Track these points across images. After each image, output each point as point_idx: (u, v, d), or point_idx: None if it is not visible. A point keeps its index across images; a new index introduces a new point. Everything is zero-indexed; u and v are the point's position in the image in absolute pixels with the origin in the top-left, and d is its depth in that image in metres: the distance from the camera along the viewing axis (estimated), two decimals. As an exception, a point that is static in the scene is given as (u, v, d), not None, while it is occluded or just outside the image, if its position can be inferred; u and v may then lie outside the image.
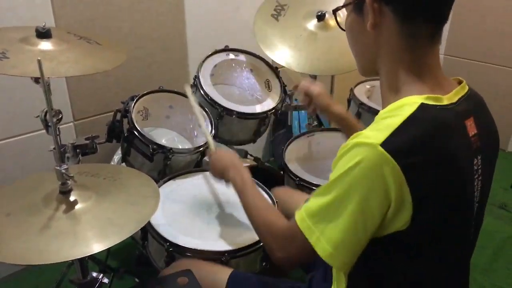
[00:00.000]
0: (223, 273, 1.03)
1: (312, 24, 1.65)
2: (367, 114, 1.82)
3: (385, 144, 0.67)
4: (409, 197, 0.68)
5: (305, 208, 0.77)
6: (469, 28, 2.75)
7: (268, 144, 2.53)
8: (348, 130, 1.25)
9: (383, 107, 0.79)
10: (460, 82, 0.81)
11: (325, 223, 0.73)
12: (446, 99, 0.74)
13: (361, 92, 1.91)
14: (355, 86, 1.95)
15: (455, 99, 0.76)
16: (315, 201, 0.75)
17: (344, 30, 0.84)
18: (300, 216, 0.77)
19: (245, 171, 1.05)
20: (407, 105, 0.71)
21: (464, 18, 2.73)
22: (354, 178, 0.69)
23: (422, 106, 0.71)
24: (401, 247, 0.75)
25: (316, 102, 1.28)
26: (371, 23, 0.75)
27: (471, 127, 0.76)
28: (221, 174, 1.10)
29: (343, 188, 0.70)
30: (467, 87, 0.81)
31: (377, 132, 0.69)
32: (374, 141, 0.67)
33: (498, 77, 2.73)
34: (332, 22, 1.65)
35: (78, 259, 0.98)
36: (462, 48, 2.81)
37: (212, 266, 1.06)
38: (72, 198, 0.90)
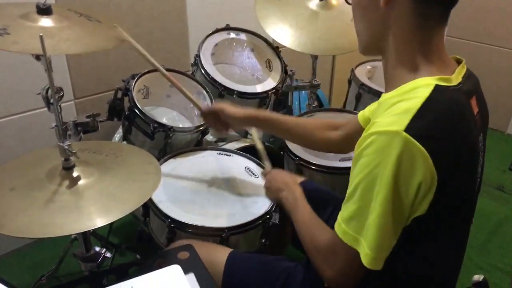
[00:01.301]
0: (222, 252, 1.04)
1: (314, 3, 1.64)
2: (367, 95, 1.82)
3: (409, 130, 0.65)
4: (435, 180, 0.67)
5: (340, 215, 0.76)
6: (471, 9, 2.72)
7: (268, 124, 2.53)
8: (272, 126, 1.21)
9: (388, 88, 0.79)
10: (458, 61, 0.81)
11: (360, 224, 0.72)
12: (454, 80, 0.75)
13: (362, 73, 1.91)
14: (356, 66, 1.95)
15: (460, 79, 0.76)
16: (347, 206, 0.75)
17: (350, 4, 0.83)
18: (337, 224, 0.77)
19: (297, 189, 1.04)
20: (421, 87, 0.71)
21: (467, -1, 2.71)
22: (381, 169, 0.67)
23: (437, 88, 0.71)
24: (416, 232, 0.74)
25: (224, 115, 1.20)
26: None
27: (475, 106, 0.77)
28: (275, 195, 1.10)
29: (370, 183, 0.69)
30: (465, 66, 0.81)
31: (395, 117, 0.68)
32: (396, 127, 0.66)
33: (499, 59, 2.72)
34: (334, 0, 1.64)
35: (82, 233, 0.99)
36: (464, 29, 2.79)
37: (211, 246, 1.07)
38: (75, 174, 0.91)
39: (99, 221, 0.82)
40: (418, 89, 0.71)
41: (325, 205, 1.20)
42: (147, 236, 1.29)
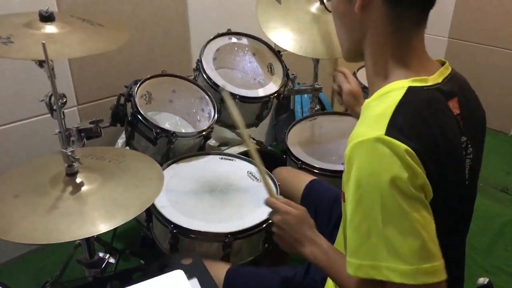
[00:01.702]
0: (221, 269, 1.04)
1: (315, 6, 1.65)
2: (369, 98, 1.82)
3: (389, 132, 0.64)
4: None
5: (347, 253, 0.70)
6: (473, 11, 2.72)
7: (271, 128, 2.54)
8: None
9: (370, 92, 0.79)
10: (443, 64, 0.81)
11: (366, 247, 0.66)
12: (431, 80, 0.75)
13: (364, 76, 1.90)
14: (358, 69, 1.96)
15: (439, 80, 0.76)
16: (349, 239, 0.70)
17: (330, 12, 0.84)
18: (348, 263, 0.70)
19: (321, 239, 0.89)
20: (394, 90, 0.72)
21: (468, 1, 2.70)
22: (375, 178, 0.64)
23: (410, 89, 0.71)
24: None
25: (344, 97, 1.31)
26: (359, 4, 0.74)
27: (454, 107, 0.76)
28: (295, 249, 0.91)
29: (370, 197, 0.65)
30: (450, 68, 0.81)
31: (373, 124, 0.68)
32: (377, 133, 0.65)
33: (501, 60, 2.71)
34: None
35: (85, 239, 1.00)
36: (467, 31, 2.79)
37: (209, 263, 1.06)
38: (78, 180, 0.91)
39: (103, 227, 0.82)
40: (391, 93, 0.71)
41: (335, 204, 1.21)
42: (150, 241, 1.30)
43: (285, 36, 1.61)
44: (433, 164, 0.67)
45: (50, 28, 1.07)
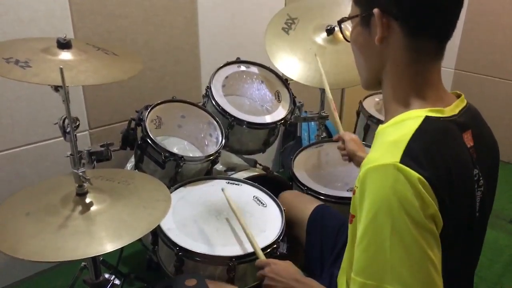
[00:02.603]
0: None
1: (321, 37, 1.70)
2: (375, 127, 1.84)
3: (404, 160, 0.66)
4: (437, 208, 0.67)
5: (353, 271, 0.71)
6: (479, 43, 2.76)
7: (278, 155, 2.56)
8: None
9: (386, 119, 0.81)
10: (458, 96, 0.83)
11: (372, 269, 0.68)
12: (448, 111, 0.76)
13: (370, 105, 1.94)
14: (364, 98, 1.98)
15: (456, 111, 0.78)
16: (357, 259, 0.70)
17: (349, 42, 0.86)
18: (352, 281, 0.71)
19: (311, 281, 0.95)
20: (410, 119, 0.73)
21: (474, 32, 2.75)
22: (386, 204, 0.65)
23: (427, 118, 0.72)
24: None
25: (346, 146, 1.39)
26: (379, 37, 0.76)
27: (468, 139, 0.77)
28: None
29: (380, 220, 0.66)
30: (465, 101, 0.82)
31: (388, 150, 0.69)
32: (391, 160, 0.66)
33: (508, 92, 2.73)
34: (341, 36, 1.69)
35: (92, 259, 1.01)
36: (473, 62, 2.83)
37: (219, 285, 1.07)
38: (88, 200, 0.94)
39: (110, 246, 0.84)
40: (408, 121, 0.72)
41: (341, 230, 1.21)
42: (156, 265, 1.30)
43: (292, 66, 1.66)
44: (446, 194, 0.68)
45: (66, 55, 1.11)
